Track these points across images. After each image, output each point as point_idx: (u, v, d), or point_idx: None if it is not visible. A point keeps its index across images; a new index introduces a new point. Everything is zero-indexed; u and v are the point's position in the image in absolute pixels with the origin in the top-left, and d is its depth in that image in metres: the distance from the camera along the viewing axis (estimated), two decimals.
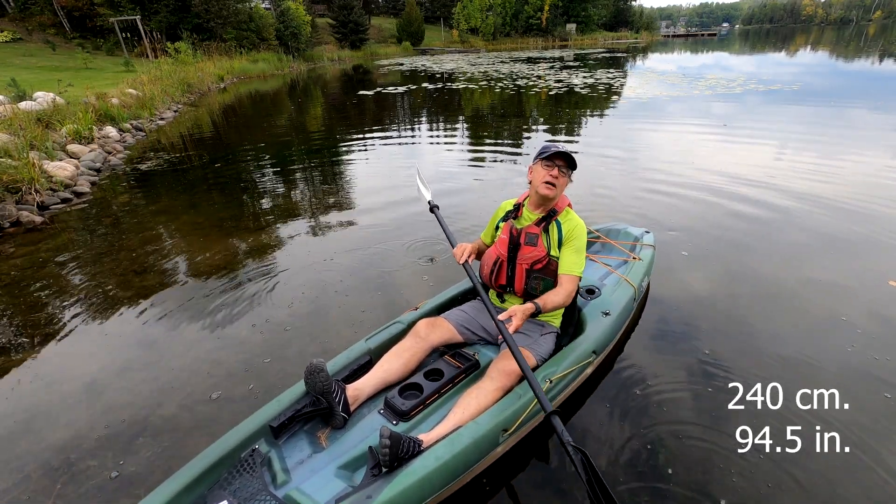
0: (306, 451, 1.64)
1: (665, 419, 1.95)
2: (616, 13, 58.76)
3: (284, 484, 1.51)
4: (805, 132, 7.06)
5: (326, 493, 1.46)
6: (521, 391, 1.72)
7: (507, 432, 1.65)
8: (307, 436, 1.69)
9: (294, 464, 1.59)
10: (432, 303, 2.31)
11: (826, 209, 4.11)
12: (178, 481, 1.42)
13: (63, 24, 21.35)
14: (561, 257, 1.93)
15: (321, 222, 4.37)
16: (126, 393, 2.25)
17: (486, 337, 2.12)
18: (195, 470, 1.46)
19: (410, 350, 1.93)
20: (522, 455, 1.82)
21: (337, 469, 1.55)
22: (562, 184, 1.90)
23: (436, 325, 2.03)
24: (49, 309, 3.04)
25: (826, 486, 1.64)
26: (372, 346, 2.02)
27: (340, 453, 1.62)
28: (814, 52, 26.52)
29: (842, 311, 2.64)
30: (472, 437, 1.55)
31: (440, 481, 1.46)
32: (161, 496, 1.38)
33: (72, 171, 5.57)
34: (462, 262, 2.00)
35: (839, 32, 58.10)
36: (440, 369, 1.91)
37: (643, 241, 2.95)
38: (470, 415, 1.64)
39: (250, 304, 2.97)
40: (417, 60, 30.18)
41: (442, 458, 1.47)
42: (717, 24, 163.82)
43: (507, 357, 1.81)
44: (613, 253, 2.91)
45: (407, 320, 2.14)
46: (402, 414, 1.72)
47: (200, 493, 1.45)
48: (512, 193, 4.73)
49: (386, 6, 50.69)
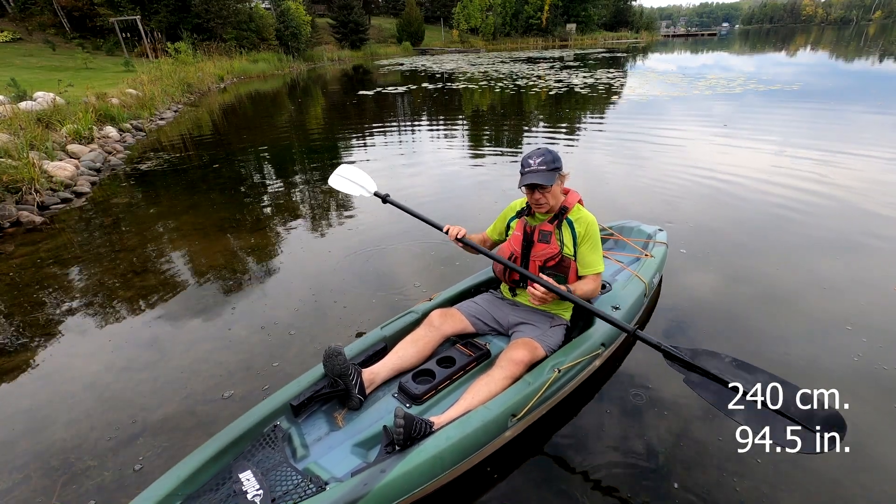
0: (324, 429, 1.74)
1: (666, 418, 1.96)
2: (616, 13, 58.72)
3: (304, 458, 1.62)
4: (805, 132, 7.06)
5: (343, 467, 1.56)
6: (531, 379, 1.78)
7: (515, 417, 1.71)
8: (325, 415, 1.80)
9: (312, 440, 1.70)
10: (446, 294, 2.39)
11: (826, 209, 4.11)
12: (206, 452, 1.53)
13: (63, 24, 21.34)
14: (580, 258, 1.98)
15: (321, 222, 4.37)
16: (126, 393, 2.25)
17: (497, 328, 2.17)
18: (222, 442, 1.57)
19: (424, 338, 2.00)
20: (531, 441, 1.87)
21: (353, 446, 1.64)
22: (552, 195, 1.94)
23: (449, 315, 2.10)
24: (49, 309, 3.04)
25: (826, 486, 1.64)
26: (387, 333, 2.10)
27: (356, 432, 1.70)
28: (814, 52, 26.51)
29: (843, 312, 2.65)
30: (481, 421, 1.61)
31: (450, 460, 1.54)
32: (190, 465, 1.48)
33: (72, 171, 5.57)
34: (457, 238, 2.10)
35: (839, 32, 58.09)
36: (452, 357, 1.98)
37: (656, 238, 2.97)
38: (480, 400, 1.70)
39: (250, 304, 2.97)
40: (417, 60, 30.17)
41: (452, 438, 1.54)
42: (717, 24, 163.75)
43: (516, 347, 1.88)
44: (626, 250, 2.92)
45: (421, 310, 2.23)
46: (415, 398, 1.80)
47: (226, 463, 1.56)
48: (512, 193, 4.75)
49: (386, 6, 50.66)
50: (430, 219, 2.24)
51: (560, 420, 1.98)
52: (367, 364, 1.95)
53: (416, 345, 1.97)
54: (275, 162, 6.83)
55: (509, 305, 2.18)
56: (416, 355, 1.96)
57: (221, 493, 1.45)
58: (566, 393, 1.99)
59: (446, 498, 1.66)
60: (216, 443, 1.56)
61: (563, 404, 2.01)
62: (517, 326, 2.08)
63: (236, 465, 1.50)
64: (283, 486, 1.43)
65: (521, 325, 2.07)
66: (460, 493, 1.69)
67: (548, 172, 1.88)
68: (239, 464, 1.50)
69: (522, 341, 1.91)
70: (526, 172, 1.91)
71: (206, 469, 1.50)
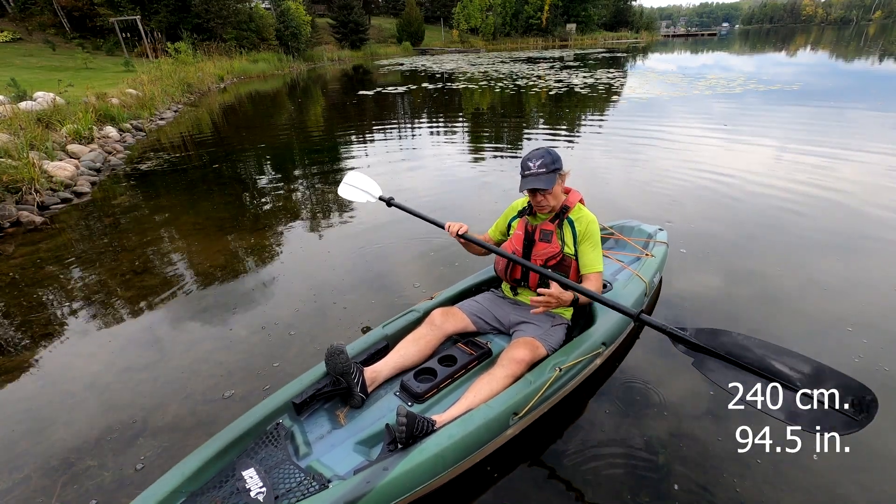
0: (326, 427, 1.75)
1: (666, 417, 1.96)
2: (616, 13, 58.72)
3: (306, 455, 1.63)
4: (805, 132, 7.06)
5: (345, 465, 1.57)
6: (532, 378, 1.79)
7: (517, 416, 1.72)
8: (327, 413, 1.81)
9: (315, 438, 1.71)
10: (447, 293, 2.40)
11: (826, 209, 4.11)
12: (210, 449, 1.54)
13: (63, 24, 21.34)
14: (581, 257, 1.99)
15: (321, 222, 4.37)
16: (127, 393, 2.25)
17: (498, 327, 2.18)
18: (225, 439, 1.58)
19: (426, 337, 2.00)
20: (532, 439, 1.88)
21: (355, 444, 1.66)
22: (553, 197, 1.95)
23: (450, 314, 2.11)
24: (49, 309, 3.04)
25: (826, 486, 1.64)
26: (389, 332, 2.11)
27: (358, 430, 1.72)
28: (814, 52, 26.51)
29: (843, 312, 2.65)
30: (483, 419, 1.62)
31: (452, 458, 1.55)
32: (194, 462, 1.50)
33: (72, 171, 5.57)
34: (458, 234, 2.11)
35: (839, 32, 58.09)
36: (454, 356, 1.99)
37: (657, 238, 2.97)
38: (481, 399, 1.71)
39: (250, 304, 2.97)
40: (417, 60, 30.17)
41: (454, 436, 1.55)
42: (717, 24, 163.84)
43: (517, 346, 1.89)
44: (627, 249, 2.92)
45: (422, 309, 2.23)
46: (416, 396, 1.82)
47: (230, 460, 1.57)
48: (512, 193, 4.75)
49: (386, 6, 50.65)
50: (433, 218, 2.26)
51: (561, 419, 1.98)
52: (369, 362, 1.96)
53: (417, 343, 1.98)
54: (275, 162, 6.82)
55: (510, 304, 2.19)
56: (418, 354, 1.96)
57: (225, 491, 1.46)
58: (567, 391, 2.00)
59: (448, 496, 1.66)
60: (219, 440, 1.57)
61: (564, 403, 2.02)
62: (518, 325, 2.09)
63: (239, 463, 1.51)
64: (286, 484, 1.44)
65: (522, 324, 2.08)
66: (462, 491, 1.69)
67: (548, 175, 1.89)
68: (242, 461, 1.52)
69: (524, 340, 1.92)
70: (526, 176, 1.92)
71: (209, 466, 1.52)
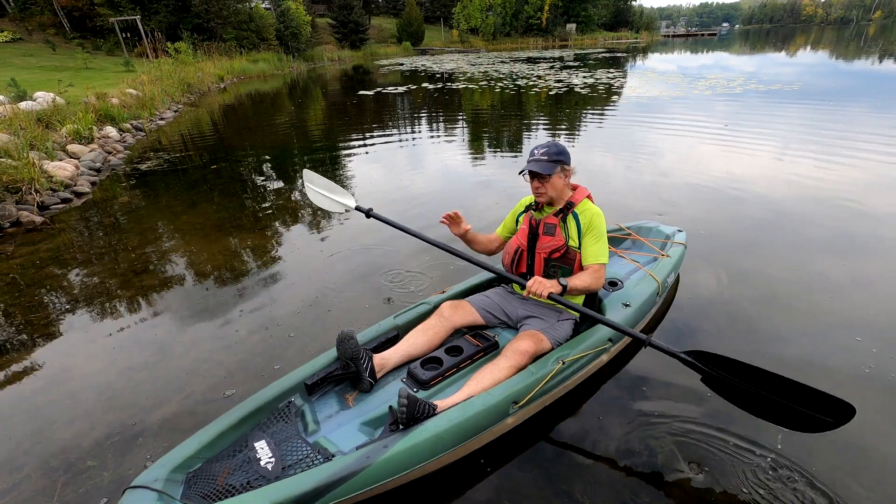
0: (335, 408, 1.85)
1: (668, 417, 1.96)
2: (616, 13, 58.71)
3: (314, 432, 1.73)
4: (806, 132, 7.06)
5: (350, 443, 1.67)
6: (535, 369, 1.83)
7: (517, 405, 1.75)
8: (337, 396, 1.91)
9: (323, 417, 1.81)
10: (458, 287, 2.46)
11: (827, 210, 4.11)
12: (226, 421, 1.65)
13: (63, 24, 21.34)
14: (583, 249, 2.01)
15: (322, 222, 4.37)
16: (127, 393, 2.25)
17: (506, 321, 2.21)
18: (240, 413, 1.69)
19: (434, 328, 2.06)
20: (533, 431, 1.90)
21: (360, 425, 1.75)
22: (551, 186, 1.98)
23: (459, 307, 2.16)
24: (49, 309, 3.04)
25: (826, 485, 1.64)
26: (399, 322, 2.19)
27: (364, 412, 1.80)
28: (814, 52, 26.50)
29: (844, 312, 2.65)
30: (483, 405, 1.67)
31: (451, 441, 1.61)
32: (211, 432, 1.61)
33: (72, 171, 5.57)
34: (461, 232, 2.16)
35: (839, 32, 58.09)
36: (460, 346, 2.04)
37: (675, 238, 2.96)
38: (483, 387, 1.75)
39: (251, 304, 2.97)
40: (417, 60, 30.16)
41: (454, 420, 1.60)
42: (717, 24, 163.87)
43: (522, 338, 1.92)
44: (644, 250, 2.92)
45: (433, 301, 2.31)
46: (422, 383, 1.88)
47: (244, 432, 1.68)
48: (513, 193, 4.75)
49: (386, 6, 50.65)
50: (415, 231, 2.23)
51: (563, 412, 1.99)
52: (379, 350, 2.04)
53: (426, 334, 2.04)
54: (275, 162, 6.82)
55: (519, 300, 2.22)
56: (426, 343, 2.02)
57: (238, 459, 1.55)
58: (571, 385, 2.02)
59: (446, 480, 1.69)
60: (235, 413, 1.68)
61: (568, 397, 2.03)
62: (526, 319, 2.13)
63: (252, 435, 1.63)
64: (293, 456, 1.55)
65: (529, 319, 2.12)
66: (461, 478, 1.71)
67: (548, 163, 1.94)
68: (255, 434, 1.64)
69: (529, 333, 1.96)
70: (529, 160, 1.99)
71: (225, 436, 1.63)
